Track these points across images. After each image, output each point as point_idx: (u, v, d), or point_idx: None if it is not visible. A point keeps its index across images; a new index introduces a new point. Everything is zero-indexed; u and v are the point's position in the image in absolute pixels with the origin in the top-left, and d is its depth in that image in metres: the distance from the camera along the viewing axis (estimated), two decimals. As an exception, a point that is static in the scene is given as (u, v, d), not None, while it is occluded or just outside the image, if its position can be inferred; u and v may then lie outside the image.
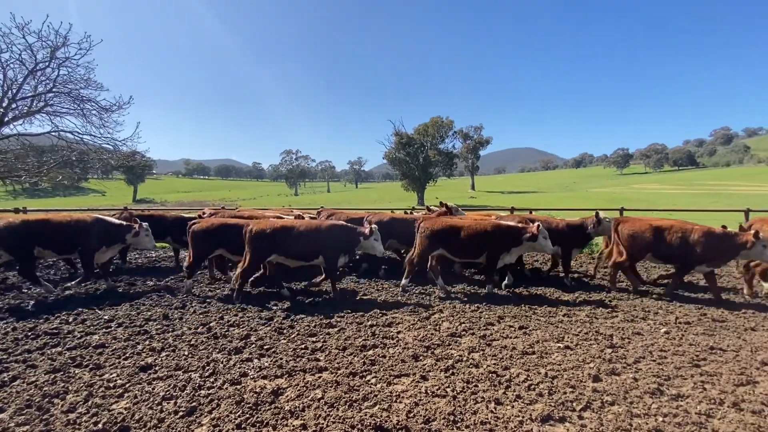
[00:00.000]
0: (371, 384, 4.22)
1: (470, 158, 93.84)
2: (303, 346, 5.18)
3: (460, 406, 3.78)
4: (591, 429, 3.44)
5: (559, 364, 4.66)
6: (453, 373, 4.42)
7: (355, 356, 4.87)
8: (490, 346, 5.19)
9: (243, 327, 5.89)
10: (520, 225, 7.87)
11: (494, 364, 4.66)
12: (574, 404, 3.80)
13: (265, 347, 5.17)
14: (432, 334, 5.58)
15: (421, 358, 4.83)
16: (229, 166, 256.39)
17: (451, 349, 5.10)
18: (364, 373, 4.45)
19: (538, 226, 7.51)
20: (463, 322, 6.03)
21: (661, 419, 3.58)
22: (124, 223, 8.35)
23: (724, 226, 7.42)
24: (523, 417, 3.59)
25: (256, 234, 7.16)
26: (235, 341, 5.34)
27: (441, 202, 10.16)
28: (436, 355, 4.91)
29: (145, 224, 8.31)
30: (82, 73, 13.90)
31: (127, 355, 4.92)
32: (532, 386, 4.14)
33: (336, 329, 5.79)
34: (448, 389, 4.06)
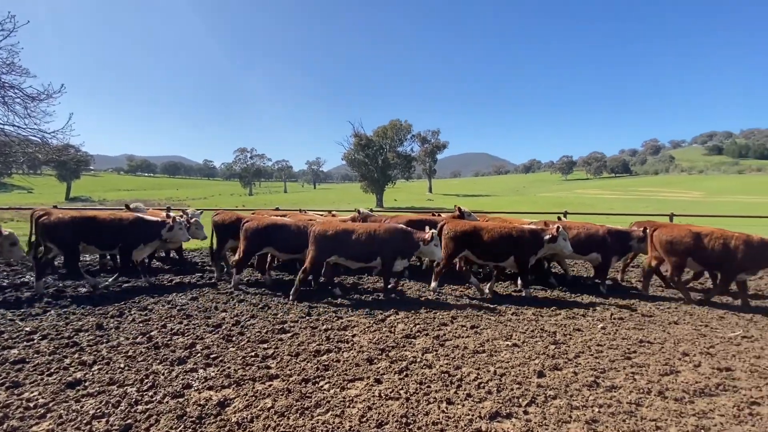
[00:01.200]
0: (324, 390, 4.14)
1: (428, 161, 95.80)
2: (253, 353, 4.98)
3: (412, 407, 3.81)
4: (535, 423, 3.61)
5: (507, 362, 4.85)
6: (407, 375, 4.45)
7: (308, 362, 4.76)
8: (443, 346, 5.29)
9: (188, 335, 5.55)
10: (540, 228, 7.98)
11: (447, 364, 4.76)
12: (520, 400, 3.97)
13: (211, 356, 4.90)
14: (387, 336, 5.59)
15: (375, 360, 4.82)
16: (177, 164, 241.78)
17: (405, 350, 5.14)
18: (317, 379, 4.35)
19: (558, 228, 7.63)
20: (418, 323, 6.10)
21: (597, 410, 3.83)
22: (159, 219, 8.48)
23: None
24: (472, 415, 3.69)
25: (320, 234, 7.36)
26: (178, 351, 5.02)
27: (456, 206, 10.37)
28: (390, 357, 4.92)
29: (179, 217, 8.54)
30: (4, 57, 12.45)
31: (52, 370, 4.45)
32: (482, 384, 4.27)
33: (289, 335, 5.63)
34: (401, 391, 4.08)
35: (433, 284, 7.86)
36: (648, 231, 8.13)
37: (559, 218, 9.26)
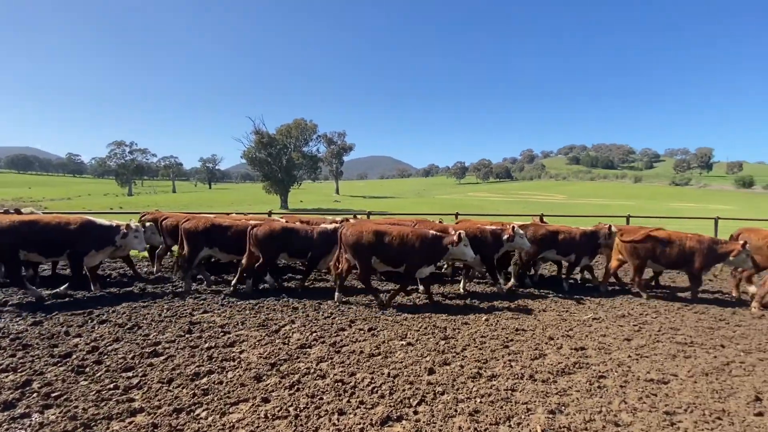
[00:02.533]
0: (200, 419, 3.64)
1: (334, 163, 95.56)
2: (112, 385, 4.18)
3: (302, 424, 3.58)
4: (423, 422, 3.68)
5: (401, 362, 4.92)
6: (298, 389, 4.19)
7: (183, 388, 4.17)
8: (339, 353, 5.15)
9: (22, 371, 4.44)
10: (499, 228, 8.41)
11: (341, 371, 4.62)
12: (411, 400, 4.03)
13: (53, 395, 3.99)
14: (280, 348, 5.23)
15: (264, 377, 4.44)
16: (29, 157, 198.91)
17: (299, 362, 4.86)
18: (193, 407, 3.83)
19: (513, 227, 8.15)
20: (315, 331, 5.86)
21: (479, 401, 4.09)
22: (114, 224, 7.84)
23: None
24: (364, 424, 3.61)
25: (357, 238, 7.18)
26: (5, 393, 3.97)
27: (440, 220, 10.25)
28: (281, 371, 4.59)
29: (134, 224, 7.87)
30: None
31: None
32: (375, 389, 4.23)
33: (162, 358, 4.88)
34: (290, 408, 3.81)
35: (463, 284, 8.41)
36: (613, 229, 8.82)
37: (542, 219, 9.76)
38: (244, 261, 7.87)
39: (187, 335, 5.59)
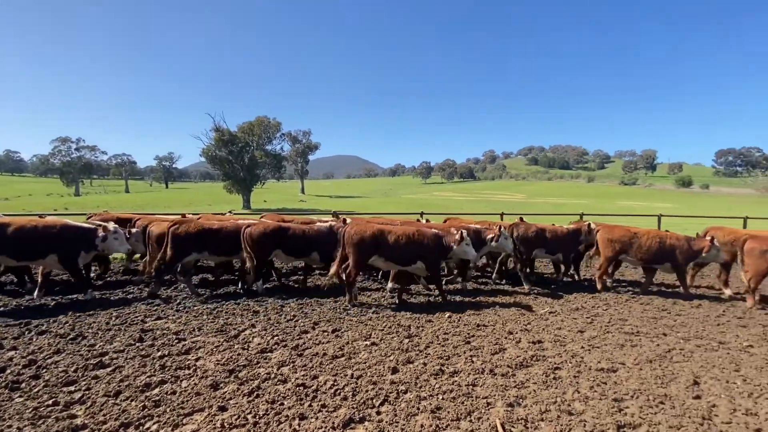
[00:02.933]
0: (150, 432, 3.44)
1: (299, 162, 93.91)
2: (51, 401, 3.86)
3: (261, 432, 3.47)
4: (386, 422, 3.67)
5: (365, 362, 4.90)
6: (257, 396, 4.06)
7: (132, 400, 3.92)
8: (302, 356, 5.04)
9: (-58, 391, 3.99)
10: (483, 228, 8.65)
11: (303, 375, 4.53)
12: (374, 401, 4.01)
13: (-19, 415, 3.61)
14: (239, 354, 5.04)
15: (221, 385, 4.26)
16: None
17: (259, 367, 4.71)
18: (143, 420, 3.60)
19: (500, 227, 8.40)
20: (276, 335, 5.71)
21: (441, 397, 4.14)
22: (93, 225, 7.62)
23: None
24: (325, 427, 3.55)
25: (359, 237, 7.11)
26: None
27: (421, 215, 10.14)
28: (240, 378, 4.42)
29: (112, 226, 7.61)
30: None
31: None
32: (338, 391, 4.18)
33: (109, 369, 4.57)
34: (249, 416, 3.68)
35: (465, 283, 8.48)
36: (593, 227, 9.23)
37: (521, 219, 9.94)
38: (249, 263, 7.76)
39: (137, 344, 5.26)
